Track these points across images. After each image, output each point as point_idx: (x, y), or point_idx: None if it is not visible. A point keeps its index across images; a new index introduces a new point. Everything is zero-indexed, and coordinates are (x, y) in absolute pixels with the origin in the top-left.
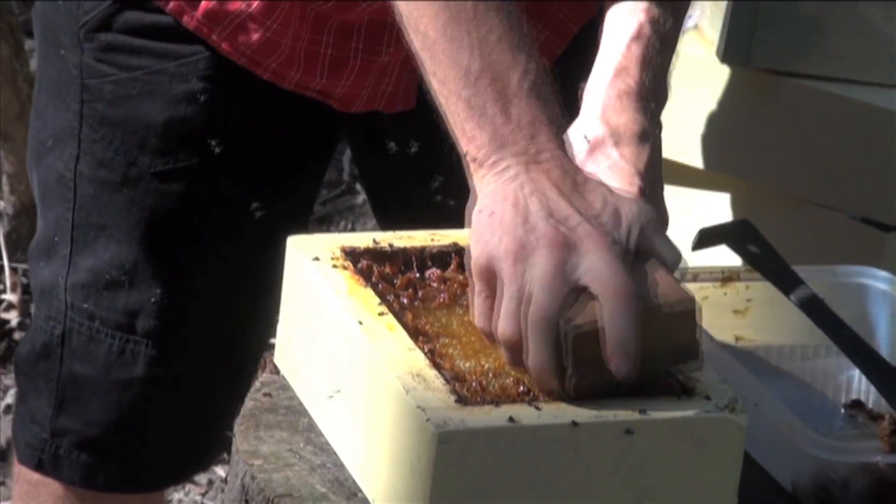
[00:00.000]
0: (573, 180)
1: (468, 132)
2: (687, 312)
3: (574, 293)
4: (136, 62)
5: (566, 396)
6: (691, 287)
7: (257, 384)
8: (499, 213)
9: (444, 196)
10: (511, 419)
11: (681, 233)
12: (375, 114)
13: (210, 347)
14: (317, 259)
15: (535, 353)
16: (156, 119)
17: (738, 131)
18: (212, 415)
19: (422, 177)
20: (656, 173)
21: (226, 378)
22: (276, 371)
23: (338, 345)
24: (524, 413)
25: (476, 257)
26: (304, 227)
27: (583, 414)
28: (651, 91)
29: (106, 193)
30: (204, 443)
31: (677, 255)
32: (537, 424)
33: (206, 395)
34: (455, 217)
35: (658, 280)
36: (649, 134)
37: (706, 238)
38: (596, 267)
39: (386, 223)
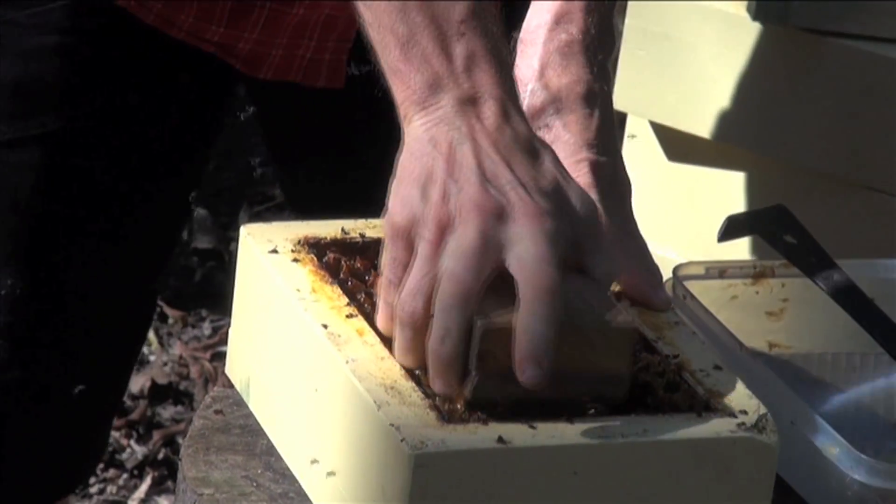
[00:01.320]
0: (515, 133)
1: (402, 72)
2: (623, 336)
3: (495, 272)
4: None
5: (461, 402)
6: (717, 284)
7: (207, 399)
8: (426, 164)
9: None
10: (501, 439)
11: (705, 220)
12: (293, 86)
13: (73, 349)
14: (274, 251)
15: (441, 337)
16: (4, 78)
17: (773, 102)
18: (77, 430)
19: (341, 142)
20: (609, 139)
21: (94, 385)
22: (229, 384)
23: (298, 353)
24: (516, 433)
25: (395, 216)
26: (185, 208)
27: (585, 433)
28: (597, 40)
29: None
30: (68, 464)
31: (613, 272)
32: (532, 446)
33: (70, 406)
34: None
35: (592, 294)
36: (597, 94)
37: (735, 227)
38: (522, 248)
39: (297, 205)
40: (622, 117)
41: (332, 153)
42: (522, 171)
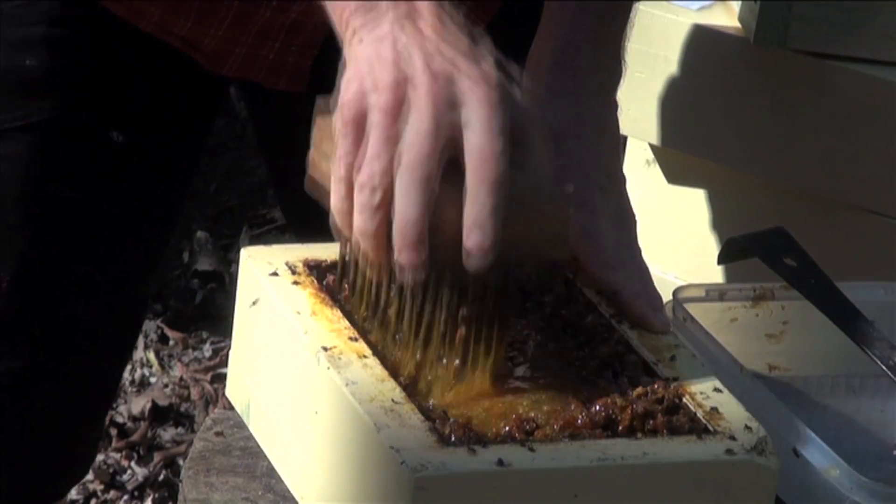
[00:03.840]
0: (455, 33)
1: None
2: (558, 199)
3: (451, 151)
4: None
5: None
6: (717, 307)
7: (208, 422)
8: (374, 50)
9: None
10: (501, 462)
11: (705, 243)
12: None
13: (61, 344)
14: (275, 274)
15: (406, 203)
16: None
17: (773, 124)
18: (62, 432)
19: None
20: (615, 168)
21: (80, 384)
22: (229, 406)
23: (299, 375)
24: (516, 455)
25: (347, 94)
26: (177, 202)
27: (584, 456)
28: (606, 68)
29: None
30: (60, 460)
31: (546, 168)
32: (532, 468)
33: (56, 404)
34: None
35: (528, 181)
36: (604, 122)
37: (735, 249)
38: (475, 122)
39: (288, 205)
40: (622, 140)
41: None
42: (470, 67)
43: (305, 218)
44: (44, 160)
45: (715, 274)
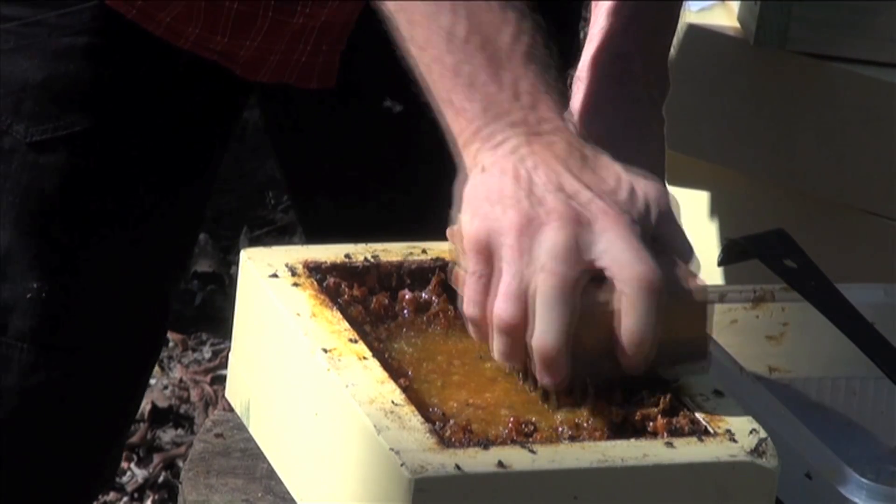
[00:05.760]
0: (581, 154)
1: (456, 104)
2: (699, 302)
3: (586, 274)
4: (10, 11)
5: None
6: (717, 308)
7: (208, 423)
8: (497, 185)
9: (382, 188)
10: (501, 464)
11: (705, 245)
12: (289, 87)
13: (99, 353)
14: (275, 276)
15: (548, 331)
16: (33, 78)
17: (773, 126)
18: (99, 439)
19: (352, 162)
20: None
21: (112, 392)
22: (229, 408)
23: (298, 377)
24: (516, 457)
25: (472, 231)
26: (202, 210)
27: (584, 457)
28: (654, 82)
29: None
30: (88, 473)
31: (692, 250)
32: (532, 470)
33: (95, 413)
34: (397, 214)
35: (670, 267)
36: (650, 136)
37: (735, 251)
38: (615, 249)
39: (308, 218)
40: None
41: (357, 176)
42: (593, 181)
43: (321, 226)
44: (84, 171)
45: (715, 275)
